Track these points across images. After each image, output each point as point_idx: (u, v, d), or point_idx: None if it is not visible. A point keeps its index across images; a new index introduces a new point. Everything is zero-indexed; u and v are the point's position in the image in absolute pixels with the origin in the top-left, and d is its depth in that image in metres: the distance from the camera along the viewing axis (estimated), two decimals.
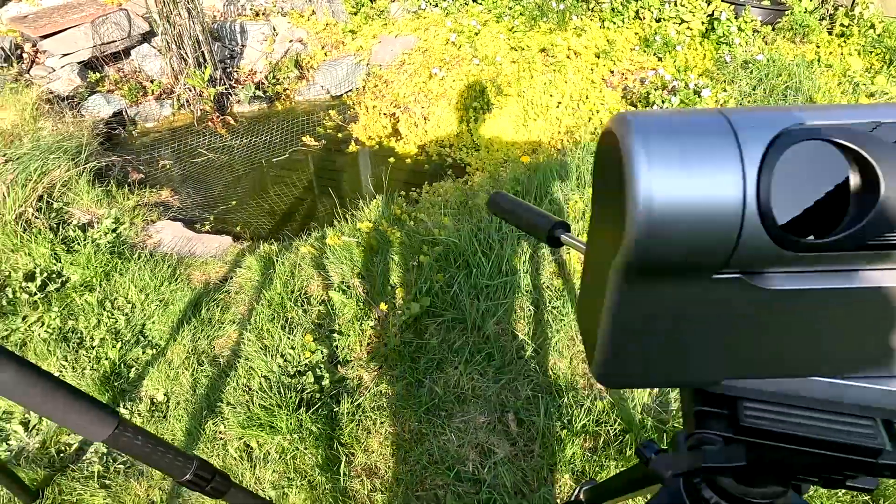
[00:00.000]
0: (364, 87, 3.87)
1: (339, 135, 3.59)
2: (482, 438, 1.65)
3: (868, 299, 0.29)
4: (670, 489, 0.49)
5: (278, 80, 3.96)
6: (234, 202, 3.00)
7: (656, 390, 1.75)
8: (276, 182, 3.16)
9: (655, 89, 2.88)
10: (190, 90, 3.66)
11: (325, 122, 3.67)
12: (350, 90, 3.95)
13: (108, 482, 1.63)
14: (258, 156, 3.38)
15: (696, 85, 2.77)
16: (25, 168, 2.62)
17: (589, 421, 1.60)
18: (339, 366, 1.91)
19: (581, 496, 1.04)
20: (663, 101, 2.76)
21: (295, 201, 3.03)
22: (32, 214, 2.54)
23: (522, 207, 0.65)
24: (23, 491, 1.49)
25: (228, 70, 3.95)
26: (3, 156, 2.70)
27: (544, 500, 1.50)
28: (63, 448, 1.73)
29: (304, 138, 3.52)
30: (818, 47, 3.42)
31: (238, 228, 2.80)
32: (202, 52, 3.65)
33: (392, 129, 3.57)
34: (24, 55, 3.82)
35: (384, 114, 3.63)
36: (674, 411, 1.69)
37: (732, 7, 3.45)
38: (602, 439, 1.57)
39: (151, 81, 3.84)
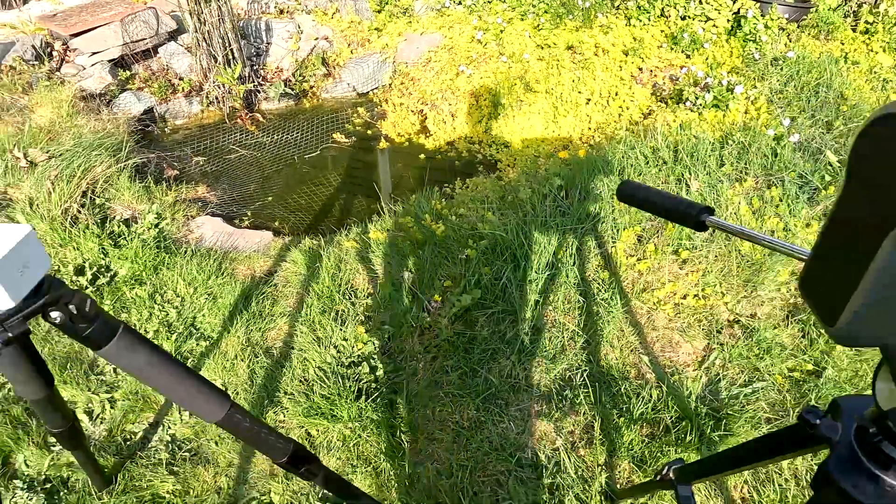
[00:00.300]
0: (391, 85, 3.90)
1: (369, 132, 3.63)
2: (540, 426, 1.70)
3: None
4: (839, 452, 0.53)
5: (304, 77, 4.00)
6: (269, 198, 3.04)
7: (706, 379, 1.79)
8: (309, 178, 3.21)
9: (688, 86, 2.92)
10: (219, 87, 3.70)
11: (353, 120, 3.71)
12: (376, 88, 3.98)
13: (175, 469, 1.67)
14: (290, 152, 3.42)
15: (728, 82, 2.81)
16: (69, 164, 2.67)
17: (646, 409, 1.64)
18: (392, 356, 1.96)
19: (671, 475, 1.08)
20: (696, 98, 2.80)
21: (330, 197, 3.07)
22: (77, 210, 2.59)
23: (660, 194, 0.69)
24: (99, 476, 1.53)
25: (255, 67, 3.98)
26: (47, 152, 2.74)
27: (606, 484, 1.54)
28: (129, 436, 1.77)
29: (334, 135, 3.56)
30: (843, 44, 3.46)
31: (276, 224, 2.84)
32: (231, 49, 3.69)
33: (420, 126, 3.61)
34: (54, 53, 3.86)
35: (412, 111, 3.67)
36: (724, 399, 1.73)
37: (758, 5, 3.49)
38: (662, 426, 1.61)
39: (180, 79, 3.88)
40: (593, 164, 2.29)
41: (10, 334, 0.73)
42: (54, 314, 0.77)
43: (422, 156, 3.38)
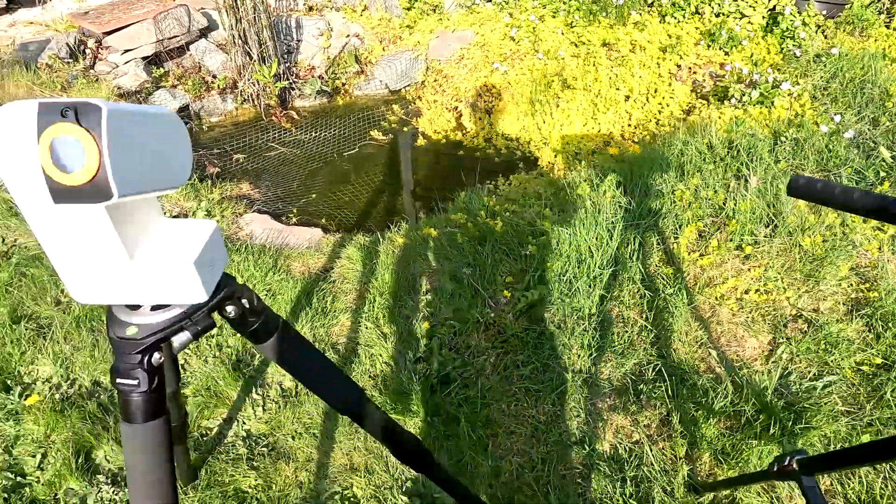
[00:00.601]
0: (424, 82, 3.91)
1: (405, 129, 3.64)
2: (616, 419, 1.71)
3: None
4: None
5: (337, 74, 4.00)
6: (313, 195, 3.05)
7: (778, 374, 1.80)
8: (350, 175, 3.22)
9: (733, 82, 2.93)
10: (254, 85, 3.70)
11: (388, 117, 3.72)
12: (409, 85, 3.99)
13: (255, 464, 1.68)
14: (328, 150, 3.43)
15: (774, 78, 2.82)
16: None
17: (725, 402, 1.66)
18: (458, 352, 1.97)
19: (794, 465, 1.10)
20: (742, 95, 2.81)
21: (373, 194, 3.08)
22: None
23: (843, 188, 0.70)
24: (188, 471, 1.54)
25: (288, 65, 3.99)
26: None
27: (688, 476, 1.56)
28: (205, 432, 1.78)
29: (372, 132, 3.57)
30: (876, 41, 3.47)
31: (324, 220, 2.85)
32: (266, 46, 3.69)
33: (456, 123, 3.61)
34: (87, 51, 3.86)
35: (447, 108, 3.68)
36: (797, 392, 1.75)
37: (794, 1, 3.50)
38: (744, 419, 1.62)
39: (214, 76, 3.88)
40: (651, 160, 2.30)
41: (199, 327, 0.74)
42: (229, 308, 0.78)
43: (461, 152, 3.39)
